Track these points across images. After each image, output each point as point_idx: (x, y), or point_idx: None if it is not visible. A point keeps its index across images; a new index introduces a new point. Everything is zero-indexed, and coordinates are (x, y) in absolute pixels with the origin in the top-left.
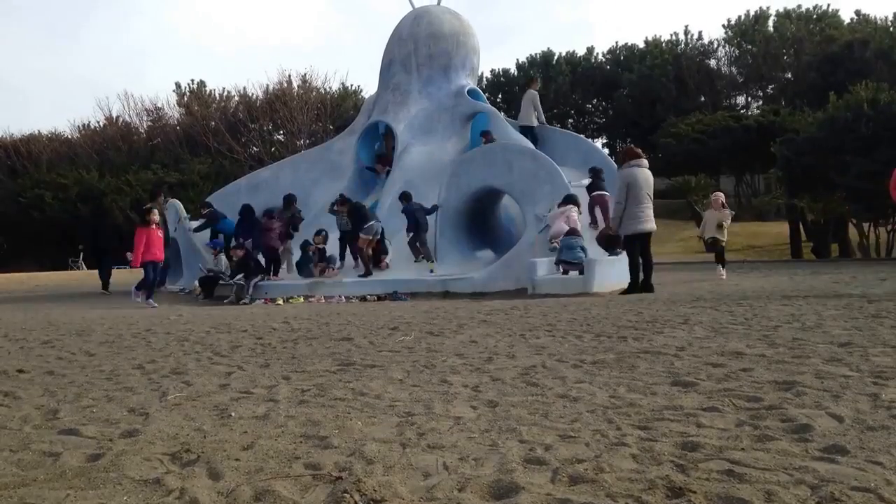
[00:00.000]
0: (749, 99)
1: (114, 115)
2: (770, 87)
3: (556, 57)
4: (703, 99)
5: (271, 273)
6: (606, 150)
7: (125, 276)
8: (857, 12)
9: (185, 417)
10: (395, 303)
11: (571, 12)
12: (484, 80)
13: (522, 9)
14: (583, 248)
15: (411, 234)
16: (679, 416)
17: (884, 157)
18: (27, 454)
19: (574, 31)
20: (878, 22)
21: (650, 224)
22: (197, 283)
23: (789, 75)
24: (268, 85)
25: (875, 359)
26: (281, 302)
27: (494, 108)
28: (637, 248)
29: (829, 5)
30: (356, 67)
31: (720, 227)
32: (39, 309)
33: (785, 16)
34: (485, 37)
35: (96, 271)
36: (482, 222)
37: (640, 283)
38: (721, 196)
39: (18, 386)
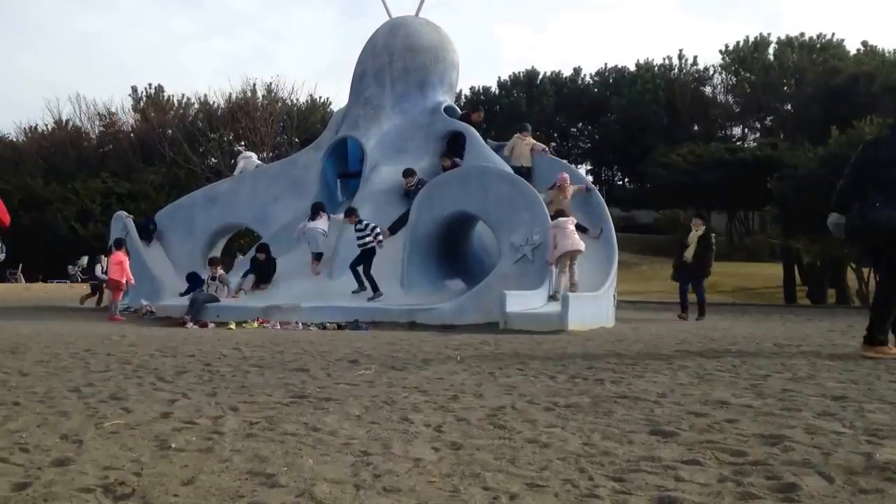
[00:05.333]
0: (745, 130)
1: (63, 118)
2: (768, 118)
3: (540, 76)
4: (696, 128)
5: None
6: (591, 178)
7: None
8: (864, 43)
9: (122, 447)
10: (356, 332)
11: (558, 29)
12: (462, 97)
13: (506, 22)
14: None
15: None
16: (657, 468)
17: None
18: None
19: (561, 49)
20: (886, 55)
21: None
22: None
23: (789, 107)
24: (230, 93)
25: (870, 415)
26: (233, 326)
27: (472, 128)
28: None
29: (833, 35)
30: (325, 78)
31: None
32: None
33: (787, 44)
34: (465, 51)
35: (35, 284)
36: (453, 250)
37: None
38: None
39: None
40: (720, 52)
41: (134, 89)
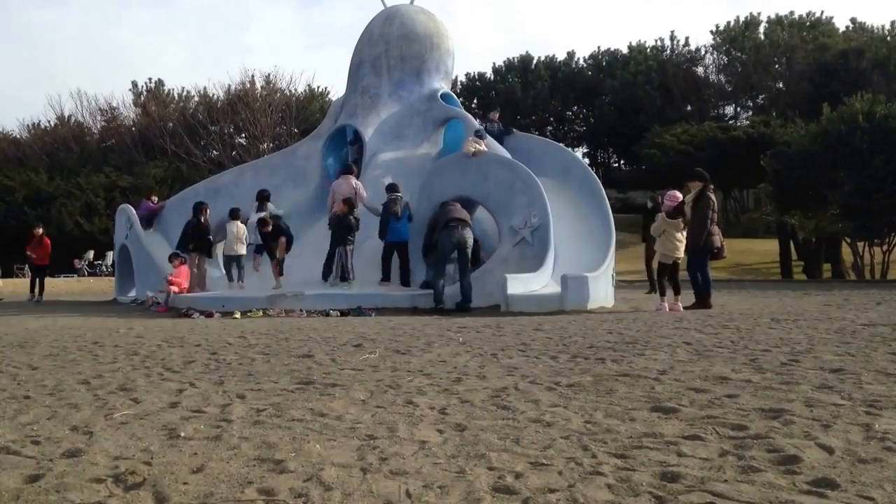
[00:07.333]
0: (738, 109)
1: (66, 114)
2: (760, 97)
3: (535, 61)
4: (689, 108)
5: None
6: (587, 161)
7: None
8: (853, 20)
9: (132, 437)
10: (360, 318)
11: (552, 14)
12: (458, 84)
13: (498, 8)
14: None
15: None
16: (659, 444)
17: (879, 172)
18: None
19: (554, 33)
20: (875, 31)
21: None
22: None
23: (780, 85)
24: (230, 85)
25: (868, 387)
26: (238, 315)
27: (468, 114)
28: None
29: (822, 12)
30: (323, 68)
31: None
32: None
33: (776, 22)
34: (460, 39)
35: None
36: None
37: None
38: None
39: None
40: (711, 32)
41: (134, 84)
